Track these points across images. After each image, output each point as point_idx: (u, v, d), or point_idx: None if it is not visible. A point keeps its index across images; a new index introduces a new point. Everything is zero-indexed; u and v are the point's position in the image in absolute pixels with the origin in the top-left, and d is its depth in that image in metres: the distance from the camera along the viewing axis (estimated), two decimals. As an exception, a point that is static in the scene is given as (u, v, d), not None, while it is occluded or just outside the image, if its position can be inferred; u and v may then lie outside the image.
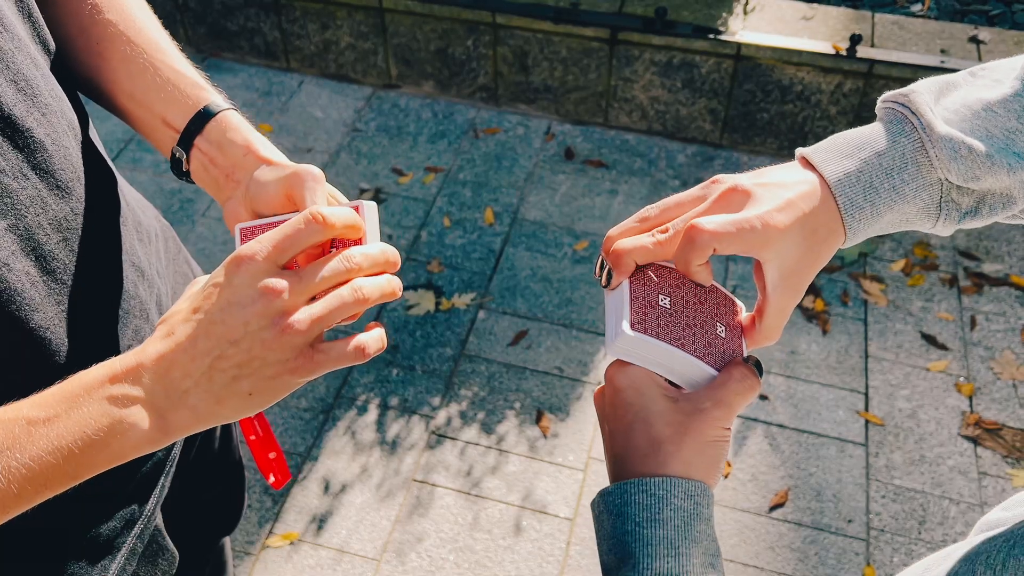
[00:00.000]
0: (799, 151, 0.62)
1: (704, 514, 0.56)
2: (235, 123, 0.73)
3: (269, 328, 0.55)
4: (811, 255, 0.60)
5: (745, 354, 0.64)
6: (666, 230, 0.60)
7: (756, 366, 0.62)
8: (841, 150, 0.60)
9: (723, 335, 0.63)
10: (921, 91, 0.60)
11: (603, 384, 0.64)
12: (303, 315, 0.56)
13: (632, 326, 0.59)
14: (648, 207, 0.63)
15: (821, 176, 0.59)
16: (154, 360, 0.57)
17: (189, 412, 0.57)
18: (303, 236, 0.58)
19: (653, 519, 0.55)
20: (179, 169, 0.74)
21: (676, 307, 0.63)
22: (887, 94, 0.62)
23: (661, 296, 0.63)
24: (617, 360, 0.62)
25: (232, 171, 0.71)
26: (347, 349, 0.59)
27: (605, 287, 0.63)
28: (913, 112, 0.59)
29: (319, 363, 0.58)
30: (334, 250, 0.62)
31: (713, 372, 0.62)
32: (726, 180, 0.60)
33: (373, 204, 0.66)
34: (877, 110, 0.63)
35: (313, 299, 0.58)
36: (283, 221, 0.65)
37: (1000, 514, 0.70)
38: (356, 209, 0.65)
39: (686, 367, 0.61)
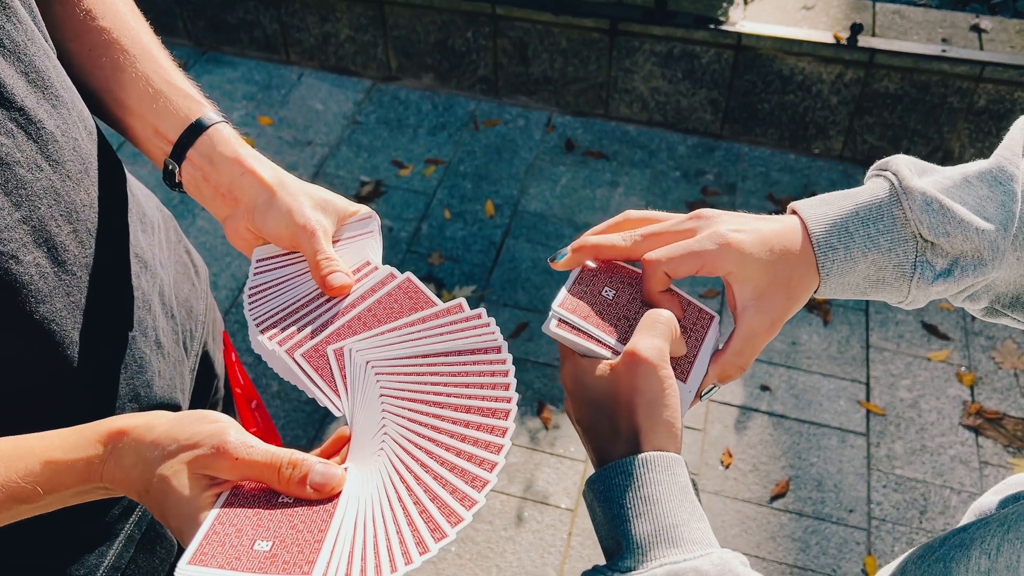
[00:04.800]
0: (790, 204, 0.66)
1: (680, 482, 0.57)
2: (226, 136, 0.74)
3: None
4: (785, 289, 0.62)
5: (700, 372, 0.65)
6: (630, 236, 0.66)
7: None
8: (825, 200, 0.64)
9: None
10: (903, 157, 0.64)
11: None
12: None
13: (561, 304, 0.65)
14: (630, 211, 0.68)
15: (803, 221, 0.63)
16: (125, 486, 0.60)
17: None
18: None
19: (636, 498, 0.56)
20: (171, 180, 0.75)
21: (619, 300, 0.66)
22: (875, 164, 0.66)
23: (607, 289, 0.67)
24: (562, 367, 0.65)
25: (229, 189, 0.73)
26: None
27: (551, 261, 0.68)
28: (893, 172, 0.62)
29: None
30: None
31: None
32: (707, 212, 0.65)
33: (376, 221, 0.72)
34: (865, 178, 0.67)
35: None
36: (296, 258, 0.74)
37: (992, 498, 0.70)
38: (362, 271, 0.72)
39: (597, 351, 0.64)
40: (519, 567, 1.88)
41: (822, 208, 0.63)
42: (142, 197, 0.86)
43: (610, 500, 0.56)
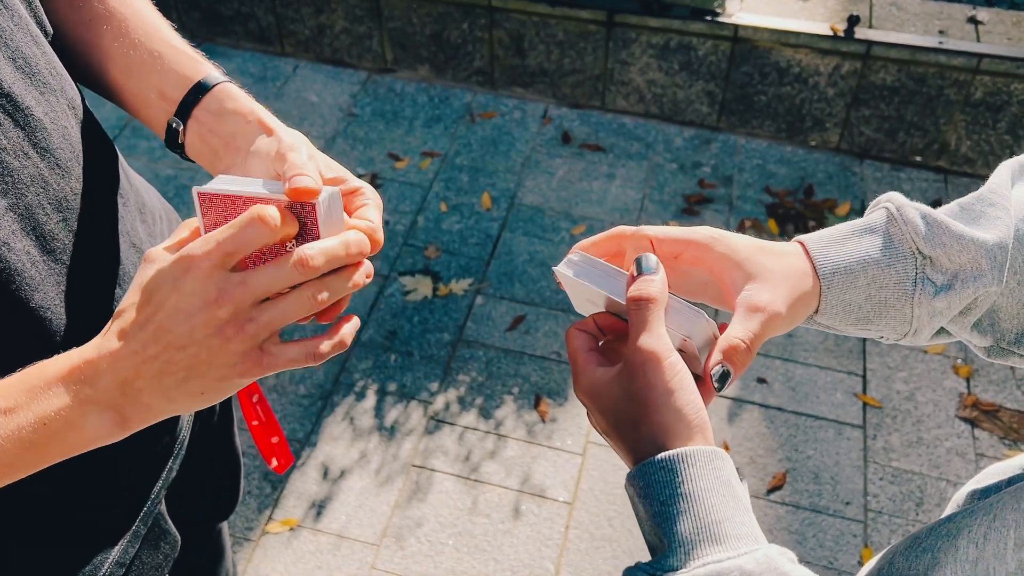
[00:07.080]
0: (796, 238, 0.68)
1: (722, 476, 0.56)
2: (234, 94, 0.72)
3: (214, 336, 0.55)
4: (780, 278, 0.62)
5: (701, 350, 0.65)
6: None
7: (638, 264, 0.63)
8: (826, 229, 0.67)
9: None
10: (898, 194, 0.67)
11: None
12: (248, 323, 0.56)
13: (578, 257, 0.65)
14: (621, 227, 0.71)
15: (802, 243, 0.65)
16: (109, 359, 0.57)
17: (143, 408, 0.57)
18: (249, 238, 0.56)
19: (676, 495, 0.55)
20: (174, 142, 0.73)
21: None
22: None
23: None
24: (576, 380, 0.64)
25: (232, 139, 0.70)
26: (297, 353, 0.59)
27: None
28: (888, 201, 0.65)
29: (267, 365, 0.58)
30: (293, 243, 0.60)
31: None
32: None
33: (337, 192, 0.63)
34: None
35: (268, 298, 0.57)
36: (245, 196, 0.60)
37: (973, 487, 0.71)
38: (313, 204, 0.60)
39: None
40: (516, 560, 1.88)
41: (820, 232, 0.66)
42: (141, 187, 0.85)
43: (650, 497, 0.55)
